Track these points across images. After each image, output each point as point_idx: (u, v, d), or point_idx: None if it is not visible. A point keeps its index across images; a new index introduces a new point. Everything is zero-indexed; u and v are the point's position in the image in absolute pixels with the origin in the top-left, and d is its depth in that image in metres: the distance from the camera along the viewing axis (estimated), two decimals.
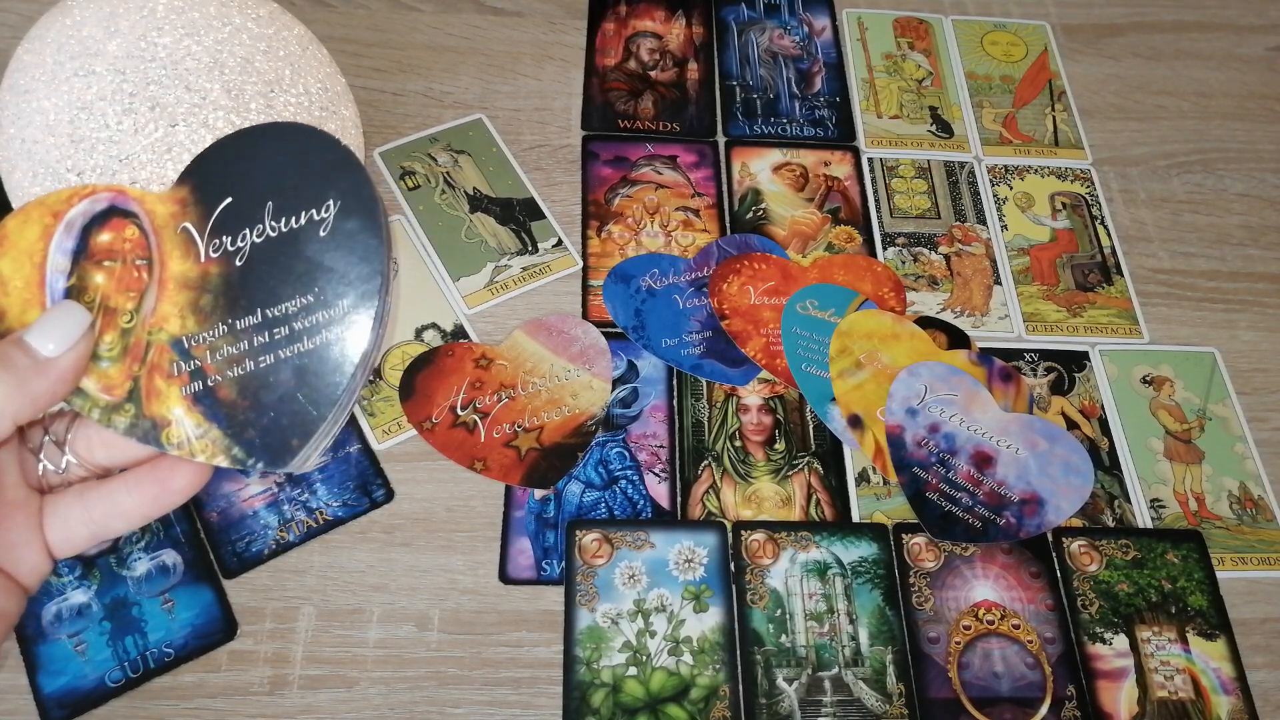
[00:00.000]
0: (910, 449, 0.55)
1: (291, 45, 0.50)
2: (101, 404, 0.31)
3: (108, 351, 0.31)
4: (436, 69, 0.68)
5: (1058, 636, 0.51)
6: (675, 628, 0.49)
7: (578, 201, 0.64)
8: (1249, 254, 0.66)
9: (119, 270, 0.31)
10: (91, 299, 0.31)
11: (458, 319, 0.58)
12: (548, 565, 0.51)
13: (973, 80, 0.72)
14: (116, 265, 0.31)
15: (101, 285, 0.31)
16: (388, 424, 0.54)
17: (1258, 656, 0.52)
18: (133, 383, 0.31)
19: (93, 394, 0.31)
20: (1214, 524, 0.55)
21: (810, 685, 0.48)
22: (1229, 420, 0.59)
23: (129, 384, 0.31)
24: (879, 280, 0.61)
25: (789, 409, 0.57)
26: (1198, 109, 0.73)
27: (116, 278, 0.31)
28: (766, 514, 0.53)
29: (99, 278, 0.31)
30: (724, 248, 0.62)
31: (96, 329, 0.31)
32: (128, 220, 0.32)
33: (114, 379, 0.31)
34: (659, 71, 0.70)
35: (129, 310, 0.31)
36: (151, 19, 0.46)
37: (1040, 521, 0.53)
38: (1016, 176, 0.67)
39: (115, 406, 0.31)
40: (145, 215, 0.32)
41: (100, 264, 0.31)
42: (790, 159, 0.67)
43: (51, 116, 0.45)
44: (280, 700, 0.47)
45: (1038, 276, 0.63)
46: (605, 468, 0.54)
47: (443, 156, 0.64)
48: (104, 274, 0.31)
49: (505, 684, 0.48)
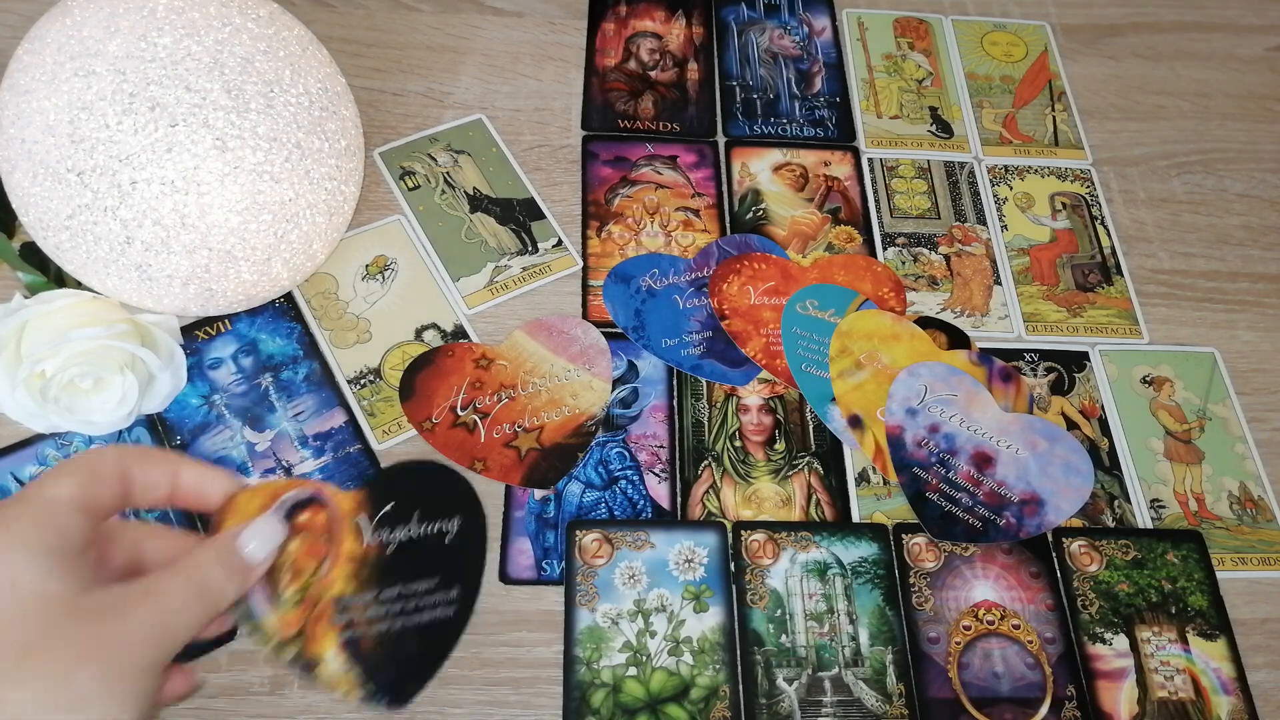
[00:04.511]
0: (910, 449, 0.55)
1: (291, 45, 0.50)
2: (275, 639, 0.39)
3: (292, 597, 0.40)
4: (436, 69, 0.68)
5: (1058, 636, 0.51)
6: (675, 628, 0.49)
7: (578, 201, 0.64)
8: (1249, 254, 0.66)
9: (309, 540, 0.41)
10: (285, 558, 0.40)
11: (458, 319, 0.58)
12: (548, 565, 0.51)
13: (973, 80, 0.72)
14: (308, 537, 0.41)
15: (294, 549, 0.40)
16: (388, 424, 0.54)
17: (1258, 656, 0.52)
18: (302, 625, 0.40)
19: (270, 629, 0.39)
20: (1214, 524, 0.55)
21: (810, 685, 0.48)
22: (1229, 420, 0.59)
23: (300, 625, 0.40)
24: (879, 280, 0.61)
25: (789, 409, 0.57)
26: (1198, 109, 0.73)
27: (306, 545, 0.41)
28: (767, 514, 0.53)
29: (294, 543, 0.40)
30: (724, 248, 0.62)
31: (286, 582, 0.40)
32: (322, 508, 0.42)
33: (290, 620, 0.40)
34: (659, 71, 0.70)
35: (310, 570, 0.41)
36: (151, 19, 0.46)
37: (1040, 521, 0.53)
38: (1016, 177, 0.67)
39: (284, 643, 0.39)
40: (334, 506, 0.42)
41: (297, 534, 0.40)
42: (790, 159, 0.67)
43: (51, 116, 0.44)
44: (280, 700, 0.47)
45: (1038, 277, 0.63)
46: (605, 468, 0.54)
47: (443, 156, 0.64)
48: (298, 541, 0.40)
49: (505, 684, 0.48)
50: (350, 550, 0.43)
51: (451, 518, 0.45)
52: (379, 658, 0.41)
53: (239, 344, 0.56)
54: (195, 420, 0.53)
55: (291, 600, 0.40)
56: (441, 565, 0.44)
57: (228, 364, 0.55)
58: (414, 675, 0.42)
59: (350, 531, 0.43)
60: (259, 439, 0.53)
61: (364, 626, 0.41)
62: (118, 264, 0.47)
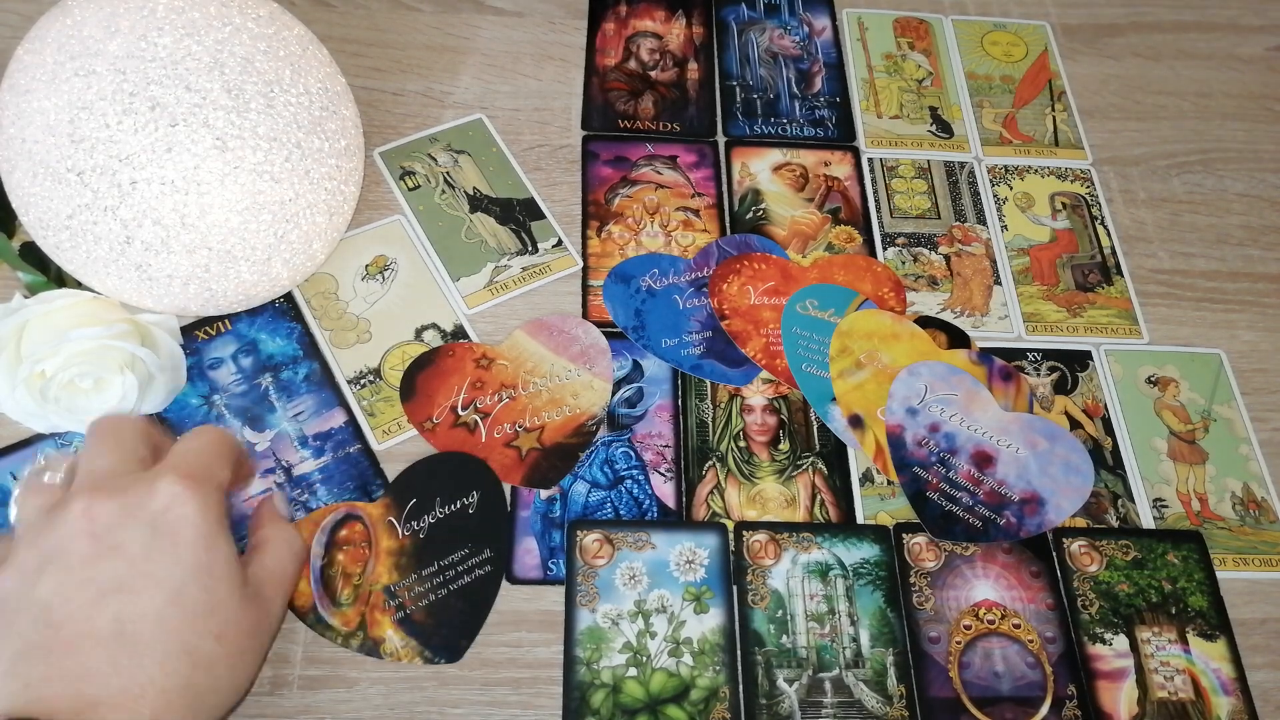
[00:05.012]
0: (910, 448, 0.54)
1: (291, 45, 0.50)
2: (342, 633, 0.48)
3: (346, 600, 0.49)
4: (436, 69, 0.68)
5: (1058, 636, 0.51)
6: (676, 628, 0.49)
7: (578, 201, 0.64)
8: (1249, 254, 0.66)
9: (352, 550, 0.50)
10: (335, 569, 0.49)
11: (458, 319, 0.58)
12: (554, 565, 0.51)
13: (973, 80, 0.72)
14: (350, 547, 0.50)
15: (341, 560, 0.50)
16: (388, 424, 0.54)
17: (1258, 657, 0.52)
18: (361, 618, 0.48)
19: (336, 626, 0.48)
20: (1216, 524, 0.55)
21: (811, 686, 0.48)
22: (1234, 422, 0.59)
23: (359, 619, 0.48)
24: (879, 280, 0.61)
25: (793, 409, 0.57)
26: (1198, 109, 0.73)
27: (350, 554, 0.50)
28: (771, 514, 0.53)
29: (340, 555, 0.50)
30: (724, 248, 0.62)
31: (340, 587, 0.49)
32: (357, 521, 0.50)
33: (349, 617, 0.48)
34: (659, 71, 0.70)
35: (357, 573, 0.49)
36: (151, 19, 0.45)
37: (1040, 521, 0.53)
38: (1016, 176, 0.67)
39: (350, 634, 0.48)
40: (366, 516, 0.51)
41: (341, 548, 0.50)
42: (790, 159, 0.67)
43: (51, 116, 0.44)
44: (280, 700, 0.47)
45: (1038, 277, 0.63)
46: (611, 467, 0.54)
47: (443, 156, 0.64)
48: (343, 554, 0.50)
49: (505, 684, 0.48)
50: (388, 547, 0.50)
51: (469, 493, 0.52)
52: (431, 626, 0.49)
53: (239, 344, 0.56)
54: (195, 420, 0.53)
55: (348, 601, 0.49)
56: (470, 534, 0.51)
57: (228, 364, 0.55)
58: (464, 633, 0.49)
59: (385, 532, 0.50)
60: (259, 439, 0.53)
61: (412, 604, 0.49)
62: (118, 264, 0.47)
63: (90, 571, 0.36)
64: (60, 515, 0.38)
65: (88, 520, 0.37)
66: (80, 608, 0.35)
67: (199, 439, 0.44)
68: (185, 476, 0.39)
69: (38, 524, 0.39)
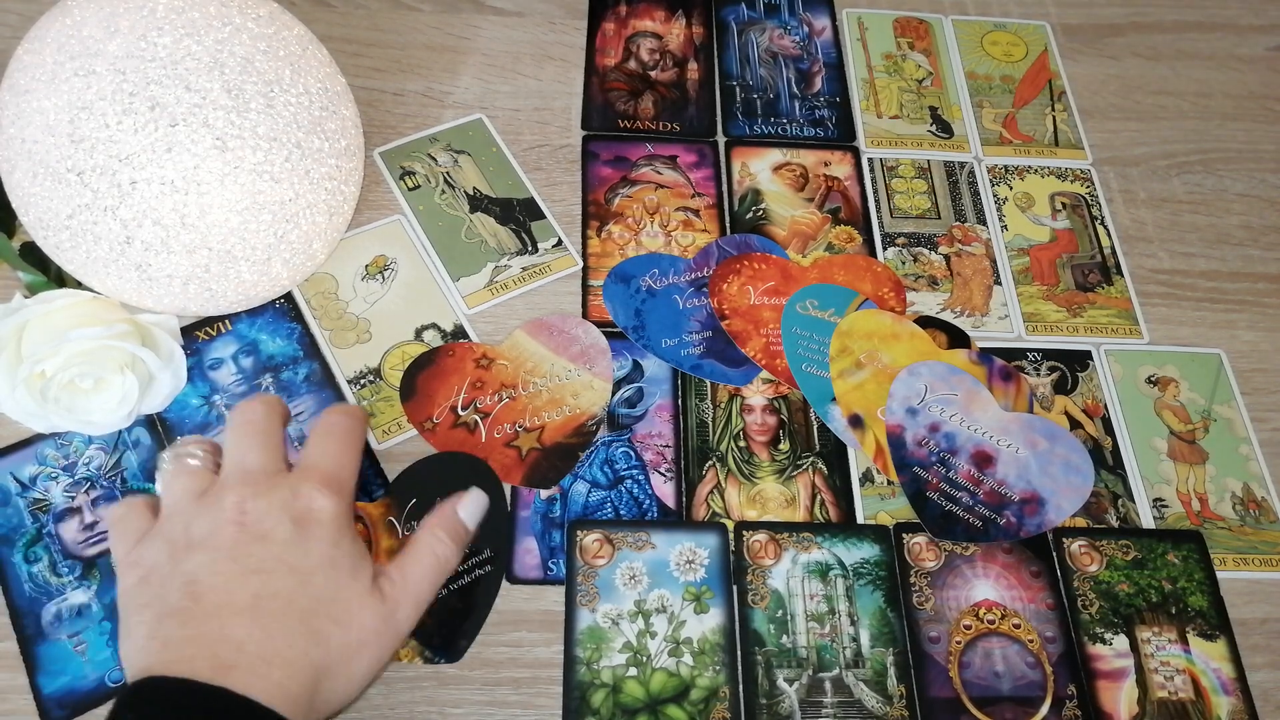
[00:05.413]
0: (910, 448, 0.54)
1: (291, 45, 0.50)
2: None
3: None
4: (436, 69, 0.68)
5: (1058, 636, 0.51)
6: (676, 628, 0.49)
7: (578, 201, 0.64)
8: (1249, 254, 0.66)
9: None
10: None
11: (458, 319, 0.58)
12: (554, 565, 0.51)
13: (973, 80, 0.72)
14: None
15: None
16: (388, 424, 0.54)
17: (1258, 657, 0.52)
18: None
19: None
20: (1217, 524, 0.55)
21: (811, 686, 0.48)
22: (1234, 422, 0.59)
23: None
24: (879, 280, 0.61)
25: (793, 409, 0.57)
26: (1198, 109, 0.73)
27: None
28: (771, 514, 0.53)
29: None
30: (724, 248, 0.62)
31: None
32: (357, 521, 0.49)
33: None
34: (659, 71, 0.70)
35: None
36: (151, 19, 0.45)
37: (1041, 521, 0.53)
38: (1016, 176, 0.67)
39: None
40: (366, 516, 0.50)
41: None
42: (790, 159, 0.67)
43: (51, 116, 0.44)
44: None
45: (1038, 277, 0.63)
46: (611, 467, 0.54)
47: (443, 156, 0.64)
48: None
49: (505, 684, 0.48)
50: (389, 546, 0.50)
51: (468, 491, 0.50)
52: (431, 627, 0.48)
53: (239, 344, 0.56)
54: (195, 420, 0.53)
55: None
56: None
57: (228, 365, 0.55)
58: (464, 633, 0.49)
59: (385, 531, 0.50)
60: None
61: None
62: (117, 264, 0.47)
63: (237, 554, 0.40)
64: (213, 505, 0.41)
65: (238, 513, 0.41)
66: (224, 581, 0.39)
67: (336, 438, 0.45)
68: (324, 483, 0.42)
69: (189, 508, 0.42)
